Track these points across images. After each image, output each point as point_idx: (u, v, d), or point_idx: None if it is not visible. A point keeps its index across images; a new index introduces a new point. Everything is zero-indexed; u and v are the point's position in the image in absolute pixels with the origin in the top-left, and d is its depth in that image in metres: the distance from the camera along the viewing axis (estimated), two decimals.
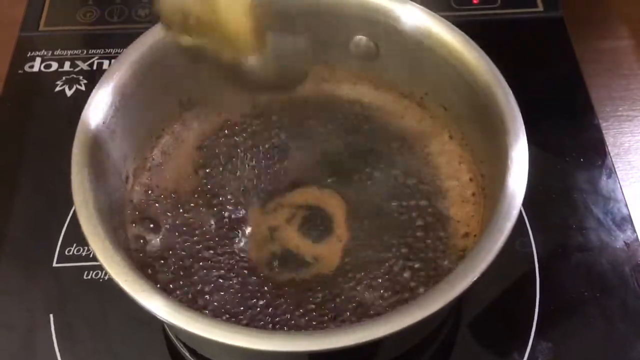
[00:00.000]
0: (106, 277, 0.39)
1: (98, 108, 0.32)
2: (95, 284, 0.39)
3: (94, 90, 0.33)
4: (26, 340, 0.37)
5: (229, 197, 0.36)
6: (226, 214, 0.35)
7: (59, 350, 0.36)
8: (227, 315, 0.31)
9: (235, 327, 0.27)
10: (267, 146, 0.38)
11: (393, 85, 0.40)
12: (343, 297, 0.32)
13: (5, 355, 0.37)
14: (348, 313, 0.32)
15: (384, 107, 0.40)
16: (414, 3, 0.35)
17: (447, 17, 0.36)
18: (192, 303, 0.32)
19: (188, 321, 0.26)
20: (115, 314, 0.38)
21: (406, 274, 0.33)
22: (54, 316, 0.37)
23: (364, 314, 0.32)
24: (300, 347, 0.26)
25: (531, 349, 0.36)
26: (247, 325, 0.31)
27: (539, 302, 0.37)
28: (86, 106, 0.32)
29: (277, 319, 0.31)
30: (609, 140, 0.48)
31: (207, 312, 0.31)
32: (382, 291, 0.32)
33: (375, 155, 0.38)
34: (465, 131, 0.37)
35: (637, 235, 0.40)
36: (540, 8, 0.51)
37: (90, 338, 0.37)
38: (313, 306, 0.32)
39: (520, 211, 0.40)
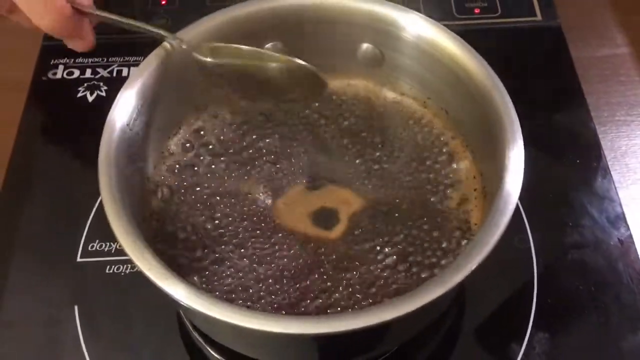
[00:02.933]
0: (127, 271, 0.41)
1: (122, 111, 0.35)
2: (117, 277, 0.41)
3: (119, 94, 0.35)
4: (52, 329, 0.39)
5: (247, 192, 0.38)
6: (245, 209, 0.37)
7: (83, 339, 0.38)
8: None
9: (250, 311, 0.29)
10: (279, 145, 0.40)
11: (398, 89, 0.42)
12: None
13: (32, 344, 0.39)
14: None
15: (389, 109, 0.42)
16: (417, 13, 0.38)
17: (449, 26, 0.38)
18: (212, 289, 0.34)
19: (207, 305, 0.28)
20: (135, 305, 0.40)
21: (411, 261, 0.35)
22: (78, 307, 0.40)
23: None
24: (310, 330, 0.28)
25: (529, 338, 0.38)
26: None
27: (537, 295, 0.39)
28: (111, 109, 0.35)
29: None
30: (607, 144, 0.49)
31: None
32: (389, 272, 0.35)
33: (380, 154, 0.40)
34: (466, 133, 0.39)
35: (630, 233, 0.42)
36: (539, 17, 0.53)
37: (112, 328, 0.39)
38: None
39: (519, 209, 0.42)
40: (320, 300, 0.34)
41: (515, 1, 0.54)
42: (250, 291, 0.34)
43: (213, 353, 0.38)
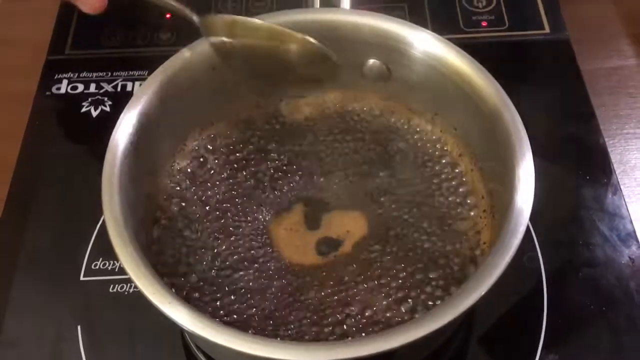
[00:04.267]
0: (131, 291, 0.41)
1: (125, 130, 0.34)
2: (121, 297, 0.40)
3: (122, 114, 0.35)
4: (55, 349, 0.39)
5: (248, 208, 0.38)
6: (245, 225, 0.37)
7: (86, 359, 0.38)
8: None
9: (255, 337, 0.28)
10: (285, 160, 0.40)
11: (405, 105, 0.41)
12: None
13: None
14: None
15: (396, 126, 0.42)
16: (425, 29, 0.37)
17: (457, 39, 0.38)
18: (214, 310, 0.33)
19: (209, 331, 0.28)
20: (139, 325, 0.39)
21: (421, 282, 0.35)
22: (81, 327, 0.39)
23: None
24: (318, 357, 0.27)
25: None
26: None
27: (547, 315, 0.39)
28: (115, 129, 0.34)
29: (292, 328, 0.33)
30: (616, 157, 0.49)
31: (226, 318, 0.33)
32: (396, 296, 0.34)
33: (386, 173, 0.39)
34: (474, 150, 0.39)
35: None
36: (547, 30, 0.53)
37: (115, 348, 0.39)
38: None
39: (529, 227, 0.42)
40: (328, 329, 0.33)
41: (522, 14, 0.54)
42: (245, 316, 0.33)
43: None
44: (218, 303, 0.34)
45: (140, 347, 0.39)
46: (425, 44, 0.37)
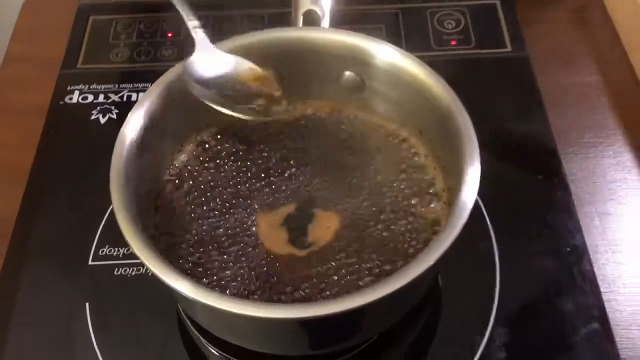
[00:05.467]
0: (133, 273, 0.46)
1: (131, 129, 0.40)
2: (125, 279, 0.46)
3: (129, 115, 0.40)
4: (66, 324, 0.44)
5: (239, 204, 0.43)
6: (234, 218, 0.42)
7: (93, 332, 0.43)
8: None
9: (242, 300, 0.34)
10: (272, 161, 0.45)
11: (378, 112, 0.47)
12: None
13: (48, 336, 0.44)
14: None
15: (370, 131, 0.47)
16: (389, 44, 0.43)
17: (427, 56, 0.44)
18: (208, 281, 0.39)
19: (205, 296, 0.33)
20: (140, 302, 0.45)
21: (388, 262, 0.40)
22: (89, 305, 0.45)
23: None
24: (296, 315, 0.33)
25: (490, 332, 0.42)
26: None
27: (499, 295, 0.44)
28: (122, 128, 0.40)
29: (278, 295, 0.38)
30: (576, 164, 0.54)
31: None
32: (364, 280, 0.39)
33: (361, 173, 0.45)
34: (436, 151, 0.44)
35: (584, 241, 0.47)
36: (509, 48, 0.58)
37: (119, 323, 0.44)
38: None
39: (486, 219, 0.47)
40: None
41: (487, 34, 0.59)
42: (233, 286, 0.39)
43: (205, 342, 0.43)
44: (206, 275, 0.39)
45: (140, 321, 0.44)
46: (389, 56, 0.43)
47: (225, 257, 0.40)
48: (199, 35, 0.43)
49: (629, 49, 0.61)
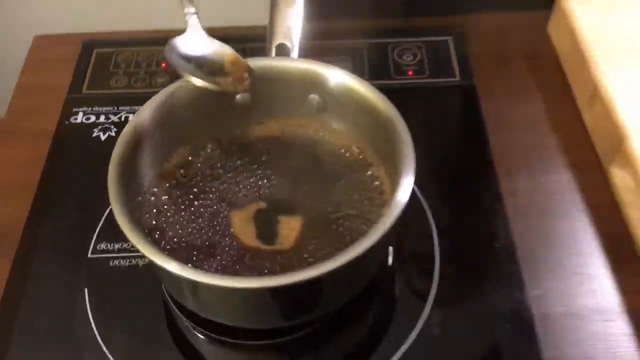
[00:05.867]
0: (126, 264, 0.54)
1: (126, 141, 0.48)
2: (118, 269, 0.53)
3: (124, 129, 0.49)
4: (68, 306, 0.51)
5: (215, 204, 0.51)
6: (211, 218, 0.50)
7: (91, 312, 0.51)
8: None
9: (218, 275, 0.42)
10: (244, 172, 0.53)
11: (338, 128, 0.55)
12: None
13: (52, 315, 0.51)
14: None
15: (332, 144, 0.55)
16: (341, 69, 0.51)
17: (387, 84, 0.52)
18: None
19: (192, 273, 0.41)
20: (131, 288, 0.52)
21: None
22: (87, 290, 0.52)
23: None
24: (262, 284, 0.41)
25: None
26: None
27: (438, 282, 0.52)
28: (118, 139, 0.48)
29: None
30: (520, 184, 0.60)
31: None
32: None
33: (325, 178, 0.52)
34: (384, 159, 0.52)
35: (512, 240, 0.55)
36: (458, 77, 0.67)
37: (113, 304, 0.52)
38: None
39: (430, 220, 0.55)
40: None
41: (440, 65, 0.68)
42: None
43: (184, 319, 0.50)
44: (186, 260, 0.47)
45: (132, 303, 0.52)
46: (341, 79, 0.51)
47: (202, 245, 0.48)
48: (192, 20, 0.50)
49: (571, 79, 0.69)
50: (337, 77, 0.52)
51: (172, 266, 0.41)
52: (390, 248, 0.53)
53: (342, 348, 0.50)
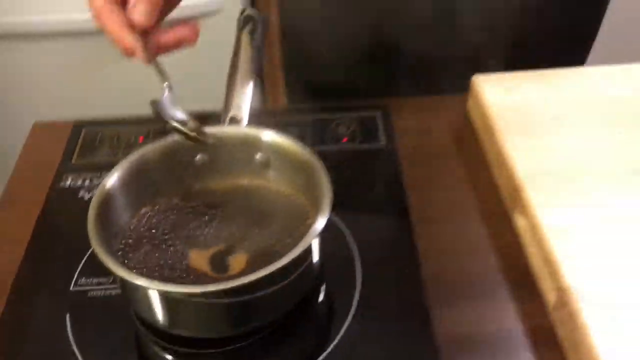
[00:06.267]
0: (101, 294, 0.65)
1: (102, 195, 0.61)
2: (95, 299, 0.64)
3: (100, 185, 0.61)
4: (51, 327, 0.62)
5: (176, 245, 0.63)
6: (173, 254, 0.62)
7: (71, 332, 0.61)
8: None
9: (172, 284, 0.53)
10: (202, 219, 0.66)
11: (280, 179, 0.68)
12: None
13: (39, 335, 0.62)
14: None
15: (275, 193, 0.68)
16: (274, 131, 0.65)
17: (327, 149, 0.65)
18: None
19: (157, 285, 0.53)
20: (104, 312, 0.63)
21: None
22: (69, 315, 0.63)
23: None
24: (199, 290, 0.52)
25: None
26: None
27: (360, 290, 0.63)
28: (95, 195, 0.60)
29: None
30: (433, 229, 0.71)
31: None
32: None
33: (265, 224, 0.65)
34: (314, 204, 0.64)
35: (420, 278, 0.66)
36: (384, 143, 0.81)
37: (89, 325, 0.62)
38: None
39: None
40: None
41: (369, 134, 0.82)
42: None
43: (150, 336, 0.61)
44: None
45: (104, 324, 0.62)
46: (277, 139, 0.65)
47: (162, 273, 0.60)
48: (166, 91, 0.63)
49: (484, 148, 0.83)
50: (275, 138, 0.66)
51: (122, 272, 0.52)
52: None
53: (286, 355, 0.61)
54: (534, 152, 0.75)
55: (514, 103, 0.83)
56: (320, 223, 0.56)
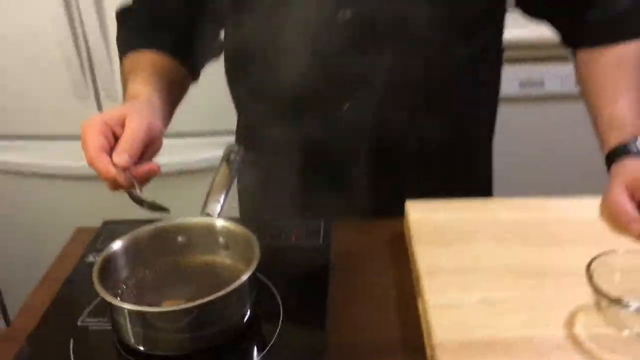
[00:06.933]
0: (98, 329, 0.92)
1: (105, 256, 0.90)
2: (96, 331, 0.91)
3: (104, 250, 0.91)
4: (60, 348, 0.89)
5: (154, 296, 0.91)
6: (150, 300, 0.90)
7: (72, 353, 0.88)
8: None
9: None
10: (176, 281, 0.94)
11: (237, 256, 0.96)
12: None
13: (51, 353, 0.88)
14: None
15: (231, 265, 0.96)
16: (230, 222, 0.95)
17: (284, 245, 0.96)
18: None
19: (143, 309, 0.80)
20: (100, 340, 0.90)
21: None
22: (72, 339, 0.90)
23: None
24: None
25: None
26: None
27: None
28: (100, 255, 0.90)
29: None
30: (349, 315, 0.95)
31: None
32: None
33: (225, 281, 0.92)
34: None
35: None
36: (321, 241, 1.09)
37: (87, 344, 0.89)
38: None
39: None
40: None
41: (313, 237, 1.10)
42: None
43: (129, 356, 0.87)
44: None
45: (99, 347, 0.89)
46: (233, 227, 0.94)
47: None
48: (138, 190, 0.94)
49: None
50: (231, 227, 0.95)
51: (104, 294, 0.80)
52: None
53: None
54: (438, 255, 0.96)
55: (432, 222, 1.04)
56: (246, 274, 0.84)
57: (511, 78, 2.05)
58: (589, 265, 0.82)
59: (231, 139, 1.36)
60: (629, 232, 0.94)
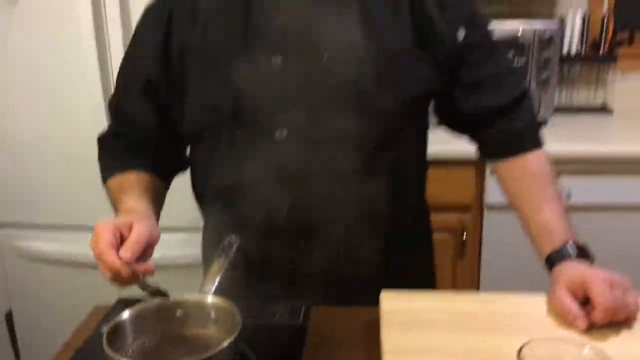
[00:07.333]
0: None
1: (113, 324, 1.09)
2: None
3: (114, 320, 1.10)
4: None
5: (151, 356, 1.08)
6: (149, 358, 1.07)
7: None
8: None
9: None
10: (171, 348, 1.12)
11: (222, 328, 1.13)
12: None
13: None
14: None
15: (218, 336, 1.13)
16: (220, 299, 1.13)
17: (259, 322, 1.14)
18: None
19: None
20: None
21: None
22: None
23: None
24: None
25: None
26: None
27: None
28: (109, 324, 1.09)
29: None
30: None
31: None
32: None
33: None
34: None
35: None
36: (300, 322, 1.26)
37: None
38: None
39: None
40: None
41: (294, 315, 1.28)
42: None
43: None
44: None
45: None
46: (222, 304, 1.13)
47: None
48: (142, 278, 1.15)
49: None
50: (220, 303, 1.14)
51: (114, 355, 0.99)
52: None
53: None
54: (403, 338, 1.12)
55: (402, 309, 1.18)
56: (227, 341, 1.02)
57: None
58: (519, 352, 0.95)
59: None
60: (576, 328, 1.07)
